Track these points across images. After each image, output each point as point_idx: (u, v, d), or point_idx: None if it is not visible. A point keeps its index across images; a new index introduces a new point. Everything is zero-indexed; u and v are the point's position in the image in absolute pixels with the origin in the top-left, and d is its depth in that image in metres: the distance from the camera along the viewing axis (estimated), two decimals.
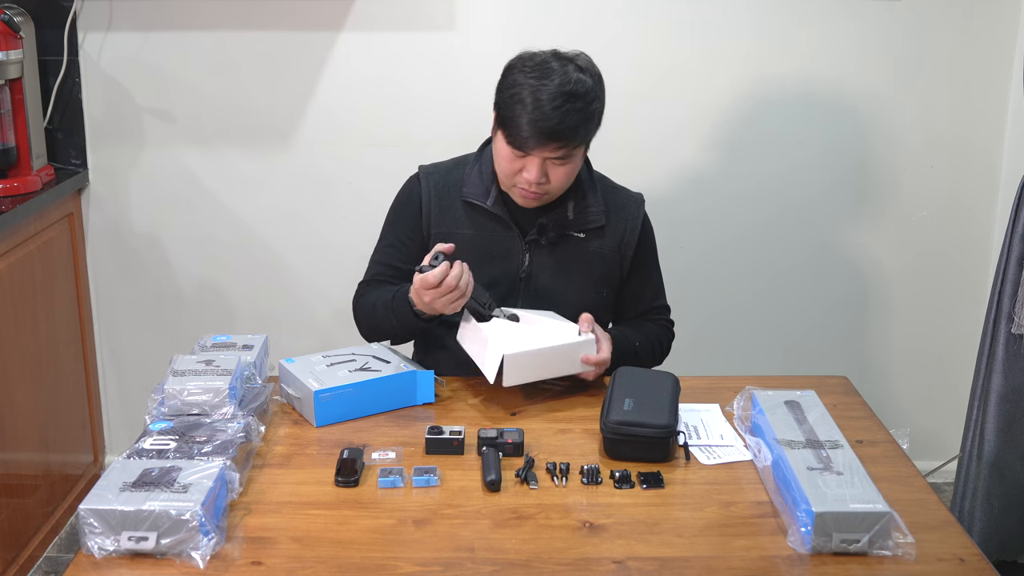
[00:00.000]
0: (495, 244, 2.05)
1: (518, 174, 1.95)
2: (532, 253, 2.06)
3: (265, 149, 2.98)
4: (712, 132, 2.97)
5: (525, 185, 1.96)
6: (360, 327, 2.12)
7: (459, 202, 2.07)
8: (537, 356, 1.86)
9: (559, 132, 1.89)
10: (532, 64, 1.93)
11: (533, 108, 1.88)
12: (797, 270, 3.08)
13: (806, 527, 1.47)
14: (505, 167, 1.97)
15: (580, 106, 1.90)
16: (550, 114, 1.87)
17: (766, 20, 2.89)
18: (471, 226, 2.06)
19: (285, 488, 1.64)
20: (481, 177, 2.07)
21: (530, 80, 1.90)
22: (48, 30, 2.84)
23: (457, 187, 2.08)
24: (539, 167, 1.93)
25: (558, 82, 1.89)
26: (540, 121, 1.87)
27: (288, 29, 2.88)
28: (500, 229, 2.06)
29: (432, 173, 2.12)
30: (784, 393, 1.82)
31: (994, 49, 2.92)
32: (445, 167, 2.14)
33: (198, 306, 3.08)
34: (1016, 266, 2.34)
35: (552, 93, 1.88)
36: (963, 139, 2.99)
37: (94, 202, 3.00)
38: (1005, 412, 2.38)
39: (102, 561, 1.43)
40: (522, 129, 1.89)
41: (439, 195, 2.08)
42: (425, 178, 2.11)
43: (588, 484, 1.66)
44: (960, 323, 3.10)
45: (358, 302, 2.12)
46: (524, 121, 1.88)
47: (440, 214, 2.07)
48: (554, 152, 1.91)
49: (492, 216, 2.05)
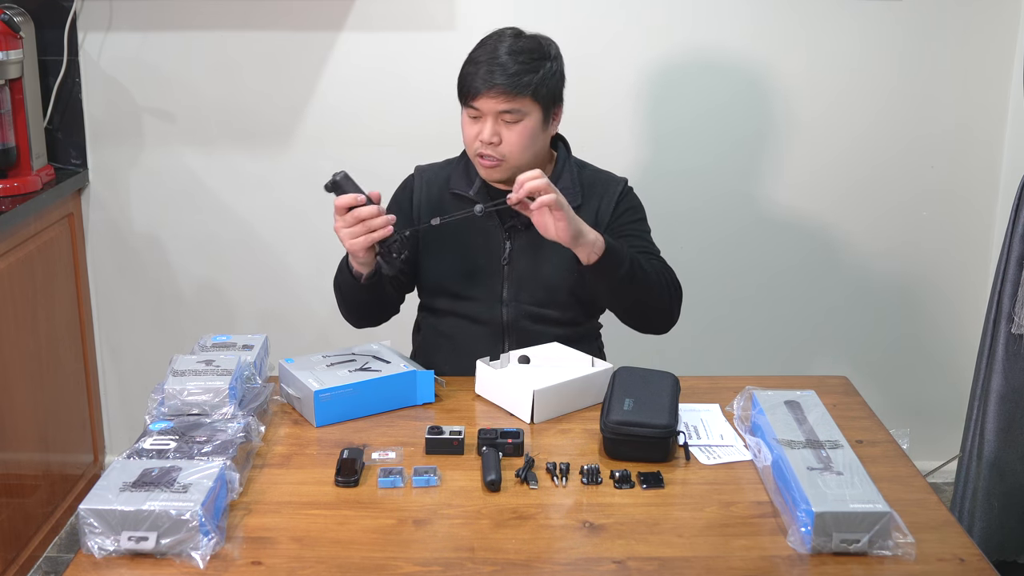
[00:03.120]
0: (477, 233, 2.13)
1: (476, 138, 2.05)
2: (512, 239, 2.13)
3: (266, 149, 2.98)
4: (712, 131, 2.98)
5: (482, 149, 2.05)
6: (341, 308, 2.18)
7: (447, 195, 2.17)
8: (562, 389, 1.89)
9: (503, 78, 2.00)
10: (490, 35, 2.10)
11: (484, 60, 2.03)
12: (797, 270, 3.08)
13: (806, 527, 1.47)
14: (466, 135, 2.08)
15: (525, 59, 2.03)
16: (495, 64, 2.01)
17: (767, 19, 2.89)
18: None
19: (285, 488, 1.64)
20: (466, 171, 2.17)
21: (486, 43, 2.07)
22: (48, 30, 2.84)
23: (447, 182, 2.19)
24: (492, 125, 2.02)
25: (508, 44, 2.05)
26: (488, 71, 2.01)
27: (288, 29, 2.88)
28: (484, 218, 2.10)
29: (426, 171, 2.24)
30: (784, 393, 1.82)
31: (994, 48, 2.92)
32: (438, 165, 2.25)
33: (198, 306, 3.08)
34: (1016, 266, 2.34)
35: (502, 50, 2.03)
36: (963, 139, 2.99)
37: (94, 202, 3.00)
38: (1005, 412, 2.38)
39: (102, 561, 1.43)
40: (474, 80, 2.02)
41: (429, 189, 2.19)
42: (419, 175, 2.23)
43: (588, 484, 1.65)
44: (960, 323, 3.10)
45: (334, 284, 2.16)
46: (476, 74, 2.02)
47: (429, 206, 2.16)
48: (502, 102, 2.00)
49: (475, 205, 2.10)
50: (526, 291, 2.13)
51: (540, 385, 1.86)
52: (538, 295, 2.13)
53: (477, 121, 2.05)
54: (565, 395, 1.89)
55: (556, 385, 1.88)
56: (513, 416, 1.88)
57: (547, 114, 2.06)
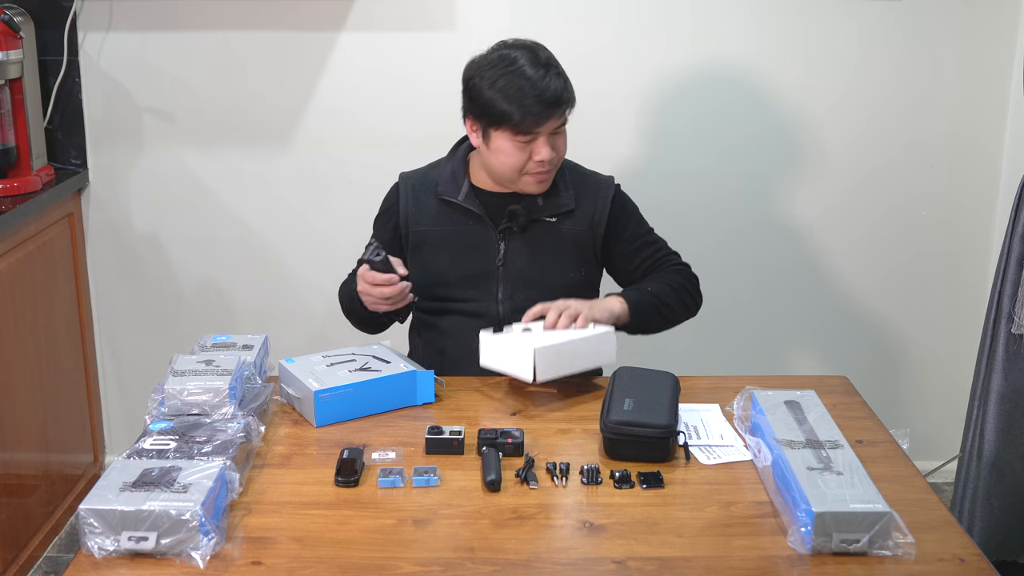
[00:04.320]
0: (470, 237, 2.12)
1: (529, 160, 2.02)
2: (507, 242, 2.12)
3: (265, 149, 2.98)
4: (712, 132, 2.97)
5: (539, 168, 2.03)
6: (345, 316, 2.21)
7: (434, 200, 2.15)
8: (564, 349, 1.92)
9: (560, 97, 1.99)
10: (493, 60, 2.02)
11: (530, 89, 1.96)
12: (797, 269, 3.08)
13: (806, 527, 1.47)
14: (512, 162, 2.02)
15: (557, 69, 2.02)
16: (546, 85, 1.97)
17: (766, 20, 2.89)
18: (446, 222, 2.14)
19: (285, 488, 1.64)
20: (454, 175, 2.14)
21: (505, 70, 1.99)
22: (48, 30, 2.84)
23: (433, 187, 2.16)
24: (548, 143, 2.01)
25: (529, 58, 2.00)
26: (543, 95, 1.97)
27: (288, 29, 2.88)
28: (473, 223, 2.12)
29: (410, 177, 2.20)
30: (784, 393, 1.82)
31: (994, 49, 2.92)
32: (423, 170, 2.22)
33: (198, 306, 3.08)
34: (1016, 266, 2.34)
35: (534, 69, 1.98)
36: (963, 139, 2.99)
37: (94, 202, 3.00)
38: (1005, 412, 2.38)
39: (102, 561, 1.43)
40: (528, 111, 1.96)
41: (416, 196, 2.16)
42: (404, 182, 2.20)
43: (588, 484, 1.66)
44: (960, 323, 3.10)
45: (340, 293, 2.21)
46: (528, 104, 1.96)
47: (417, 213, 2.15)
48: (559, 120, 2.01)
49: (465, 211, 2.13)
50: (521, 291, 2.13)
51: (541, 344, 1.88)
52: (533, 295, 2.11)
53: (528, 145, 2.00)
54: (566, 355, 1.92)
55: (557, 344, 1.90)
56: (516, 380, 1.91)
57: None
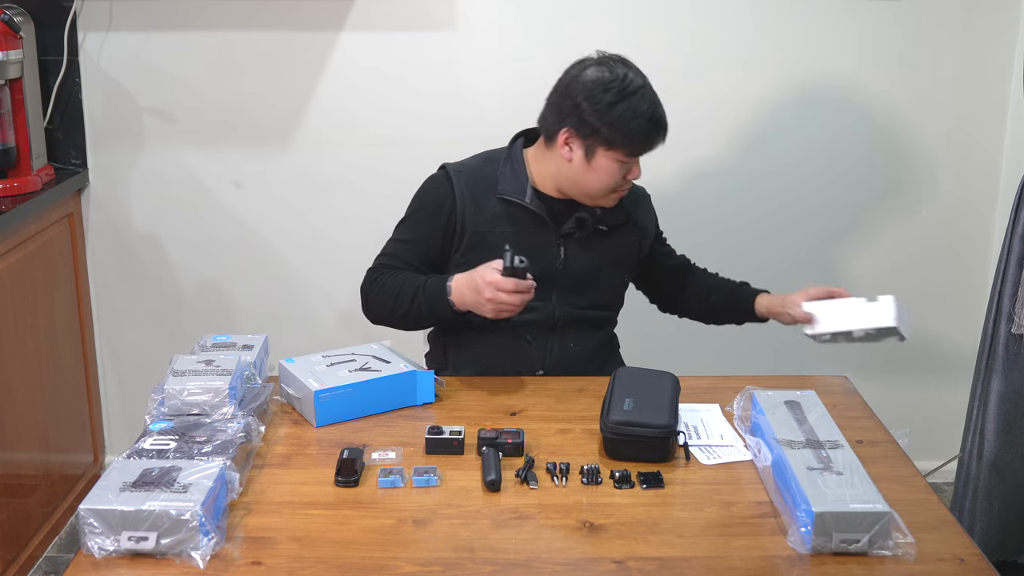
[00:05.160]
0: (533, 240, 2.08)
1: (624, 179, 2.06)
2: (567, 247, 2.11)
3: (265, 149, 2.98)
4: (712, 131, 2.97)
5: (627, 186, 2.08)
6: (369, 308, 2.11)
7: (494, 200, 2.09)
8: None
9: (665, 121, 2.04)
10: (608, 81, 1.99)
11: (646, 114, 2.00)
12: (797, 269, 3.07)
13: (806, 527, 1.47)
14: (611, 182, 2.04)
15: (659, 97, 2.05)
16: (657, 110, 2.02)
17: (766, 19, 2.89)
18: (508, 223, 2.08)
19: (285, 488, 1.64)
20: (516, 175, 2.10)
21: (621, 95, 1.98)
22: (48, 30, 2.84)
23: (490, 185, 2.10)
24: (638, 163, 2.06)
25: (640, 82, 2.02)
26: (660, 123, 2.02)
27: (288, 29, 2.88)
28: (536, 225, 2.10)
29: (461, 171, 2.11)
30: (784, 393, 1.82)
31: (994, 49, 2.92)
32: (473, 165, 2.14)
33: (198, 306, 3.08)
34: (1016, 266, 2.34)
35: (647, 93, 2.01)
36: (963, 139, 2.99)
37: (94, 202, 3.00)
38: (1005, 412, 2.38)
39: (102, 561, 1.43)
40: (646, 137, 2.01)
41: (472, 193, 2.09)
42: (456, 176, 2.10)
43: (588, 484, 1.65)
44: (960, 323, 3.10)
45: (372, 284, 2.09)
46: (648, 131, 2.01)
47: (476, 212, 2.08)
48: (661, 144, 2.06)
49: (529, 213, 2.09)
50: (576, 295, 2.13)
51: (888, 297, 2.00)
52: (586, 300, 2.14)
53: (626, 165, 2.03)
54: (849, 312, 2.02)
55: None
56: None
57: None
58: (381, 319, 2.11)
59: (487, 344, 2.12)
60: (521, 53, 2.90)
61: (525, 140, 2.17)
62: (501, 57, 2.90)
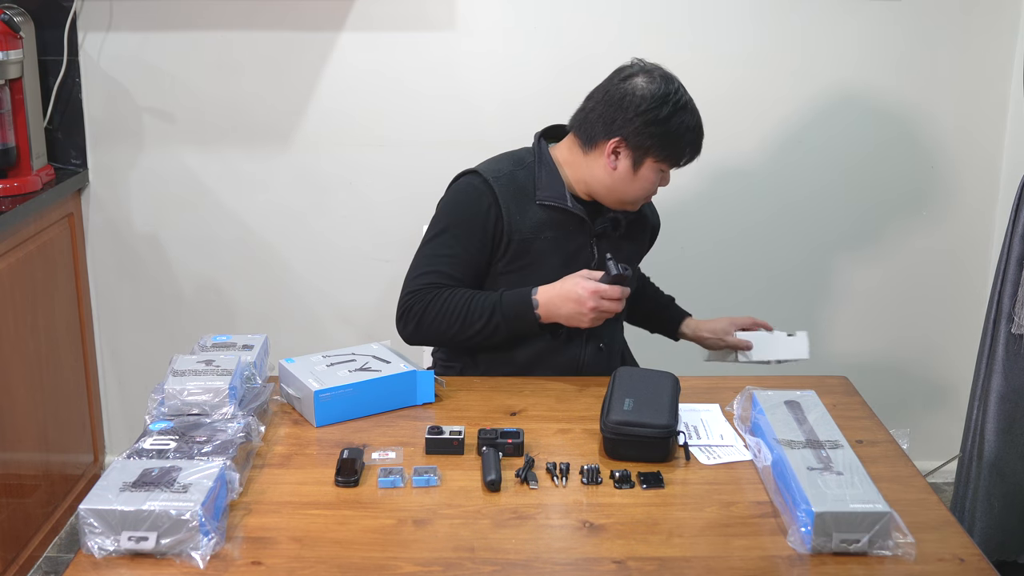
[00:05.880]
0: (572, 241, 2.10)
1: (655, 187, 2.10)
2: (599, 246, 2.13)
3: (265, 149, 2.98)
4: (712, 132, 2.94)
5: (655, 192, 2.12)
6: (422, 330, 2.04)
7: (535, 206, 2.07)
8: None
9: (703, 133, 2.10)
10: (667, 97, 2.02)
11: (696, 132, 2.07)
12: (797, 269, 3.08)
13: (806, 527, 1.47)
14: (651, 189, 2.09)
15: None
16: (701, 124, 2.08)
17: (766, 19, 2.89)
18: (551, 228, 2.08)
19: (285, 488, 1.64)
20: (552, 180, 2.09)
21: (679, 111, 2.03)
22: (48, 30, 2.84)
23: (529, 191, 2.08)
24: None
25: (687, 96, 2.06)
26: (702, 136, 2.09)
27: (288, 29, 2.88)
28: (575, 227, 2.10)
29: (499, 178, 2.07)
30: (784, 393, 1.82)
31: (994, 49, 2.92)
32: (507, 171, 2.09)
33: (198, 306, 3.08)
34: (1016, 266, 2.34)
35: (695, 109, 2.07)
36: (963, 139, 2.99)
37: (94, 202, 3.00)
38: (1005, 412, 2.38)
39: (102, 561, 1.43)
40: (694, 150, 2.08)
41: (516, 199, 2.06)
42: (496, 183, 2.06)
43: (588, 484, 1.65)
44: (960, 323, 3.10)
45: (427, 304, 2.02)
46: (696, 144, 2.08)
47: (520, 219, 2.06)
48: None
49: (568, 215, 2.09)
50: None
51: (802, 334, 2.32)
52: None
53: (665, 173, 2.09)
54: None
55: None
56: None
57: None
58: (439, 339, 2.07)
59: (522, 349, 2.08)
60: (521, 54, 2.90)
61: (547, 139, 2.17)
62: (501, 58, 2.90)
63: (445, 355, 2.21)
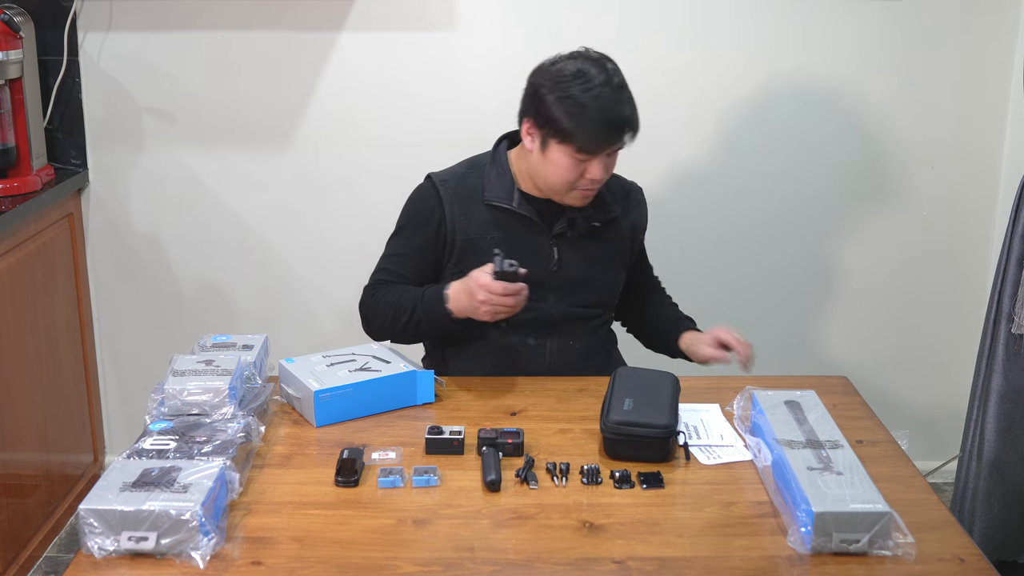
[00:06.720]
0: (523, 243, 2.07)
1: (581, 177, 1.99)
2: (560, 248, 2.10)
3: (265, 149, 2.98)
4: (712, 132, 2.97)
5: (589, 186, 2.01)
6: (370, 325, 2.12)
7: (482, 207, 2.08)
8: None
9: (626, 123, 1.96)
10: (571, 74, 1.96)
11: (599, 110, 1.93)
12: (797, 270, 3.08)
13: (806, 527, 1.47)
14: (565, 176, 1.99)
15: (629, 94, 1.98)
16: (617, 110, 1.94)
17: (766, 20, 2.89)
18: (497, 229, 2.08)
19: (285, 488, 1.64)
20: (501, 180, 2.09)
21: (579, 87, 1.94)
22: (48, 30, 2.84)
23: (476, 192, 2.09)
24: (603, 164, 1.98)
25: (604, 79, 1.95)
26: (611, 120, 1.94)
27: (288, 29, 2.88)
28: (526, 228, 2.09)
29: (447, 180, 2.11)
30: (784, 393, 1.82)
31: (994, 49, 2.91)
32: (458, 172, 2.13)
33: (198, 306, 3.08)
34: (1016, 266, 2.34)
35: (609, 92, 1.94)
36: (963, 139, 2.99)
37: (94, 202, 3.00)
38: (1005, 412, 2.38)
39: (102, 561, 1.43)
40: (596, 134, 1.94)
41: (460, 201, 2.09)
42: (442, 186, 2.10)
43: (588, 484, 1.66)
44: (960, 323, 3.10)
45: (371, 299, 2.11)
46: (595, 126, 1.93)
47: (465, 220, 2.08)
48: (618, 145, 1.98)
49: (518, 217, 2.08)
50: (574, 296, 2.12)
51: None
52: (584, 299, 2.14)
53: (584, 162, 1.97)
54: None
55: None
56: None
57: None
58: (383, 334, 2.11)
59: (487, 348, 2.11)
60: (521, 54, 2.87)
61: (510, 143, 2.16)
62: (501, 58, 2.90)
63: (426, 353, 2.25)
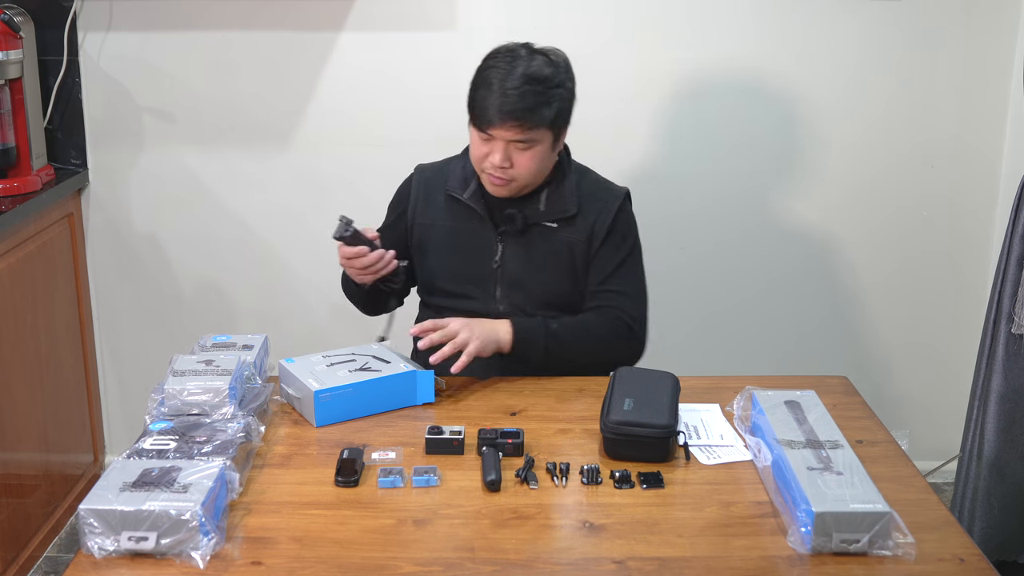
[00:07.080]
0: (470, 236, 2.14)
1: (486, 159, 2.04)
2: (505, 244, 2.13)
3: (265, 149, 2.98)
4: (711, 132, 2.97)
5: (491, 170, 2.05)
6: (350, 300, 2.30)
7: (443, 195, 2.17)
8: None
9: (517, 112, 1.99)
10: (503, 53, 2.06)
11: (497, 89, 2.00)
12: (797, 269, 3.08)
13: (806, 527, 1.47)
14: (475, 152, 2.08)
15: (540, 89, 2.00)
16: (511, 94, 1.99)
17: (765, 20, 2.89)
18: (450, 218, 2.16)
19: (285, 488, 1.64)
20: (463, 172, 2.16)
21: (499, 65, 2.03)
22: (48, 30, 2.84)
23: (444, 182, 2.18)
24: (503, 150, 2.02)
25: (522, 68, 2.01)
26: (502, 102, 1.99)
27: (288, 29, 2.88)
28: (475, 222, 2.14)
29: (426, 170, 2.24)
30: (784, 393, 1.82)
31: (994, 49, 2.91)
32: (439, 164, 2.25)
33: (198, 306, 3.08)
34: (1016, 266, 2.34)
35: (515, 76, 2.00)
36: (963, 139, 2.99)
37: (94, 202, 3.00)
38: (1005, 412, 2.38)
39: (102, 561, 1.43)
40: (487, 109, 2.00)
41: (427, 188, 2.20)
42: (419, 174, 2.24)
43: (588, 484, 1.66)
44: (960, 323, 3.10)
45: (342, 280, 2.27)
46: (489, 102, 2.00)
47: (424, 206, 2.18)
48: (515, 134, 2.00)
49: (469, 210, 2.14)
50: (517, 293, 2.14)
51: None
52: (529, 298, 2.14)
53: (488, 142, 2.03)
54: None
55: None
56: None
57: (557, 136, 2.07)
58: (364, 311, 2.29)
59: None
60: None
61: None
62: None
63: None
